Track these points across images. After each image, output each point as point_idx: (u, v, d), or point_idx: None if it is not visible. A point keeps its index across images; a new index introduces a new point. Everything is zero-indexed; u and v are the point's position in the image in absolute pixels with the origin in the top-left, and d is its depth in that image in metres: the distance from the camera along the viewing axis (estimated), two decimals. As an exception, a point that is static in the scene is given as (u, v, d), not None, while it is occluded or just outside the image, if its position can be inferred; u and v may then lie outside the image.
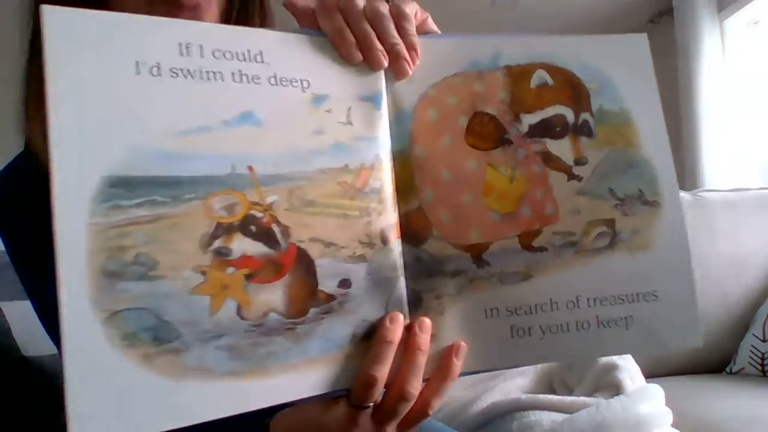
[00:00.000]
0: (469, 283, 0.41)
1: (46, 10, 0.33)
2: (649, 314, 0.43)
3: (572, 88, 0.45)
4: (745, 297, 1.35)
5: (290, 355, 0.36)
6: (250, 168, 0.37)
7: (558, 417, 0.81)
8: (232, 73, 0.37)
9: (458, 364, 0.40)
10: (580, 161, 0.44)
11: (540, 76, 0.44)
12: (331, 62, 0.41)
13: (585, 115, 0.44)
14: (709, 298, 1.32)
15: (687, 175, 2.57)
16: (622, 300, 0.43)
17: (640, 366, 0.95)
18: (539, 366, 1.04)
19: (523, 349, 0.42)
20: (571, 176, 0.44)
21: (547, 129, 0.44)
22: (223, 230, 0.35)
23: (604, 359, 0.93)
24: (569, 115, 0.44)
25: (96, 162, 0.33)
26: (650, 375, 1.06)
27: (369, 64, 0.41)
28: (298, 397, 0.37)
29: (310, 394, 0.37)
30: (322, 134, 0.39)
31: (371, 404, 0.39)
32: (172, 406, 0.33)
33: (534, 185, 0.43)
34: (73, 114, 0.33)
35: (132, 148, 0.34)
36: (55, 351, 0.94)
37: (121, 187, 0.33)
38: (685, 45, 2.61)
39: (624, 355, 0.96)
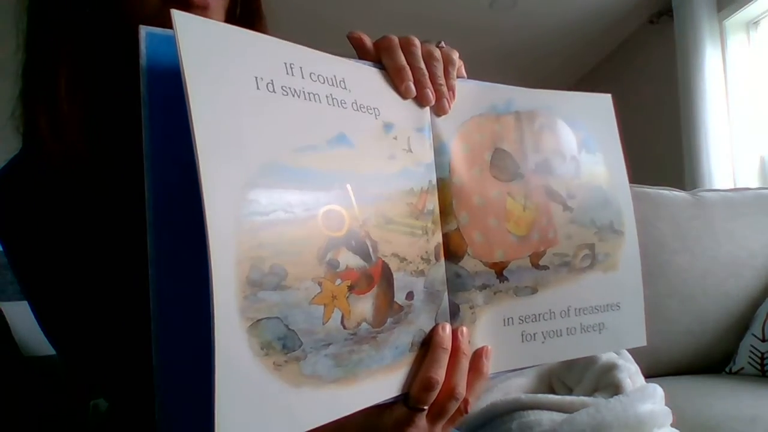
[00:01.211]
0: (493, 295, 0.47)
1: (178, 15, 0.33)
2: (614, 321, 0.52)
3: (564, 134, 0.53)
4: (744, 297, 1.35)
5: (372, 362, 0.39)
6: (348, 187, 0.39)
7: (558, 417, 0.81)
8: (326, 96, 0.39)
9: (488, 365, 0.45)
10: (571, 195, 0.52)
11: (541, 122, 0.52)
12: (391, 94, 0.45)
13: (573, 158, 0.53)
14: (708, 298, 1.32)
15: (686, 174, 2.57)
16: (597, 310, 0.52)
17: (639, 366, 0.95)
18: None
19: (529, 352, 0.48)
20: (566, 207, 0.51)
21: (547, 167, 0.51)
22: (333, 244, 0.37)
23: (604, 359, 0.93)
24: (562, 156, 0.52)
25: (236, 173, 0.33)
26: (650, 375, 1.07)
27: (420, 99, 0.46)
28: (378, 402, 0.39)
29: (386, 398, 0.40)
30: (393, 159, 0.42)
31: (428, 405, 0.42)
32: (292, 413, 0.34)
33: (540, 213, 0.50)
34: (215, 125, 0.33)
35: (261, 161, 0.34)
36: (54, 351, 0.94)
37: (256, 199, 0.33)
38: (684, 45, 2.61)
39: (623, 355, 0.97)
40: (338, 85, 0.40)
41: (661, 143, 2.87)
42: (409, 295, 0.41)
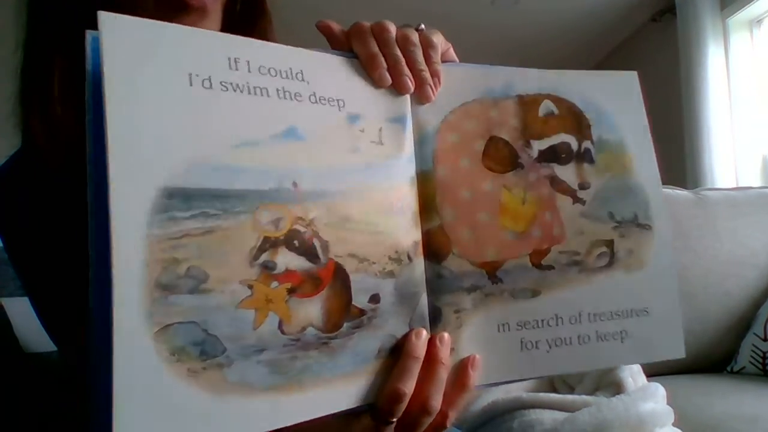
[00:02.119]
0: (485, 298, 0.43)
1: (103, 16, 0.33)
2: (641, 329, 0.46)
3: (574, 117, 0.48)
4: (746, 296, 1.34)
5: (324, 370, 0.37)
6: (295, 183, 0.37)
7: (559, 416, 0.81)
8: (277, 90, 0.38)
9: (474, 376, 0.42)
10: (583, 185, 0.47)
11: (547, 106, 0.47)
12: (363, 84, 0.42)
13: (586, 143, 0.48)
14: (710, 298, 1.32)
15: (689, 173, 2.57)
16: (618, 316, 0.46)
17: (641, 365, 0.95)
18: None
19: (531, 362, 0.44)
20: (576, 199, 0.46)
21: (554, 155, 0.46)
22: (270, 244, 0.35)
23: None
24: (573, 142, 0.47)
25: (154, 173, 0.32)
26: (651, 374, 1.06)
27: (397, 87, 0.43)
28: (330, 412, 0.37)
29: (341, 409, 0.38)
30: (357, 152, 0.40)
31: (396, 418, 0.39)
32: (214, 423, 0.32)
33: (543, 207, 0.45)
34: (131, 124, 0.32)
35: (188, 160, 0.34)
36: (56, 348, 0.94)
37: (176, 199, 0.33)
38: (687, 43, 2.61)
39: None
40: (294, 78, 0.39)
41: (663, 141, 2.86)
42: (374, 298, 0.39)
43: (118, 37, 0.33)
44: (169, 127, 0.33)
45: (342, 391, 0.38)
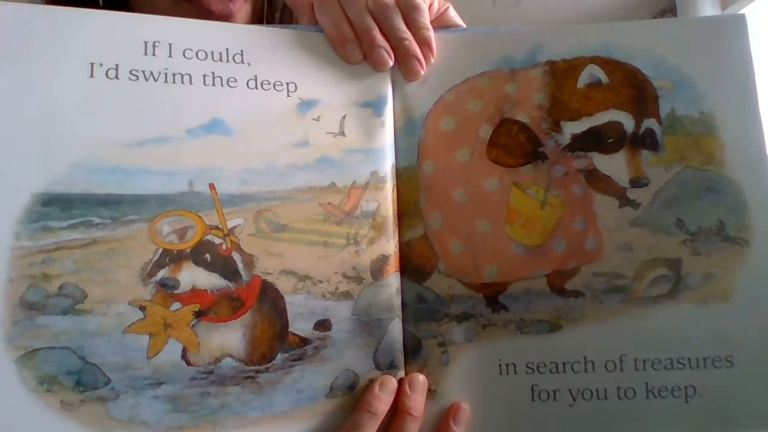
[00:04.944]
0: (482, 330, 0.35)
1: None
2: (720, 385, 0.34)
3: (634, 87, 0.37)
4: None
5: (250, 409, 0.32)
6: (211, 186, 0.32)
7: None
8: (204, 75, 0.34)
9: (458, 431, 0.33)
10: (638, 182, 0.36)
11: (591, 73, 0.37)
12: (327, 63, 0.37)
13: (649, 122, 0.36)
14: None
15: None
16: (683, 365, 0.34)
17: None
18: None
19: (546, 417, 0.34)
20: (625, 201, 0.36)
21: (595, 140, 0.36)
22: (171, 258, 0.31)
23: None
24: (627, 121, 0.36)
25: (29, 177, 0.30)
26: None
27: (371, 63, 0.37)
28: None
29: None
30: (305, 146, 0.35)
31: None
32: None
33: (573, 212, 0.36)
34: (10, 121, 0.30)
35: (74, 161, 0.30)
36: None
37: (54, 206, 0.30)
38: (688, 43, 2.61)
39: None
40: (229, 60, 0.35)
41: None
42: (322, 325, 0.34)
43: (5, 26, 0.31)
44: (56, 125, 0.30)
45: None
